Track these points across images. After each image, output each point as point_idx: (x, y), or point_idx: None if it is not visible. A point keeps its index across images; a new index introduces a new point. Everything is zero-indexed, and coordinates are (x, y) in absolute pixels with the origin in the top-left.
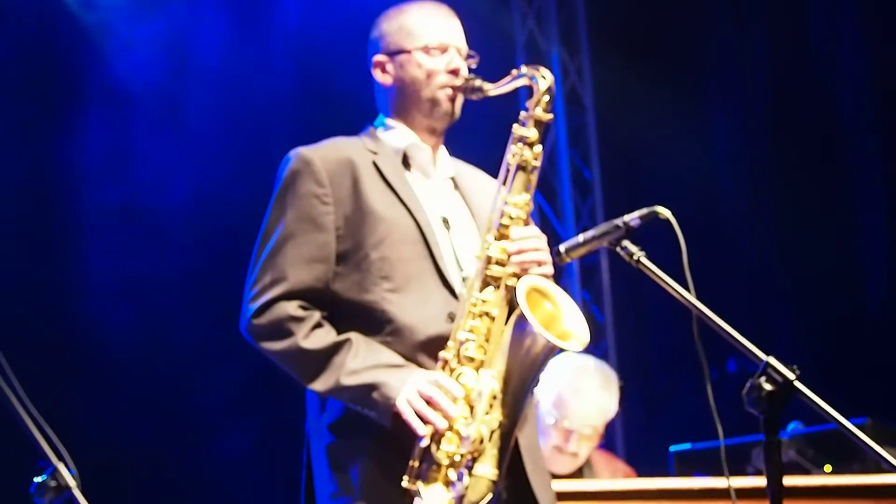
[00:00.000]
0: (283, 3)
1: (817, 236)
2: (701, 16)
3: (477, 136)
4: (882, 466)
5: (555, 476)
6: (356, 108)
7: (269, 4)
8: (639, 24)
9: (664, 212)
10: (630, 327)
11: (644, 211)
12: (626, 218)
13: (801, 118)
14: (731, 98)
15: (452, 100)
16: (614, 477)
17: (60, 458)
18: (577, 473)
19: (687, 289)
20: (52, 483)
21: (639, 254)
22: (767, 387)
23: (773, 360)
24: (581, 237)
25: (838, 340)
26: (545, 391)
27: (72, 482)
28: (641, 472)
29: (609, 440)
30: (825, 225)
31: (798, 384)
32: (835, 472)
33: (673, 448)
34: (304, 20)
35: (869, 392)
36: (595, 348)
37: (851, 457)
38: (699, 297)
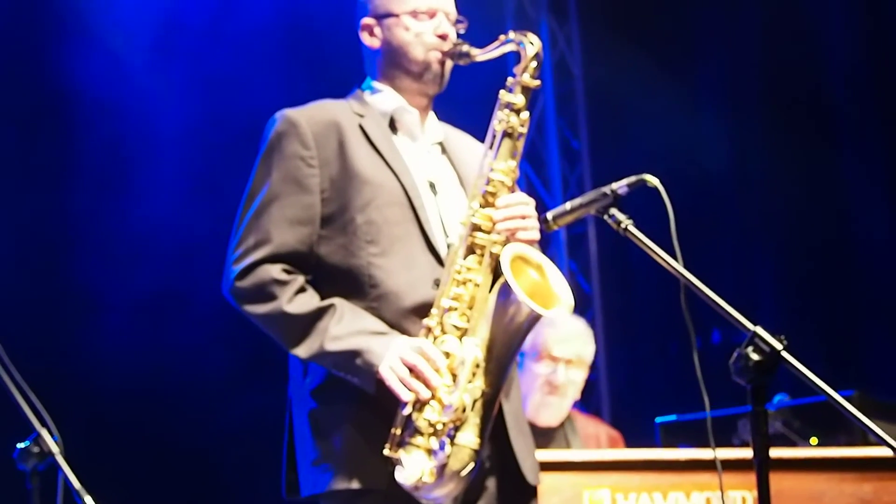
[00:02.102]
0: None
1: (806, 205)
2: None
3: (462, 102)
4: (869, 439)
5: (543, 430)
6: (343, 71)
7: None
8: None
9: (652, 180)
10: (617, 298)
11: (632, 179)
12: (614, 186)
13: (790, 85)
14: (720, 66)
15: (441, 63)
16: (597, 437)
17: (44, 424)
18: (561, 435)
19: (674, 257)
20: (36, 449)
21: (626, 222)
22: (755, 356)
23: (760, 330)
24: (568, 205)
25: (828, 311)
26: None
27: (55, 448)
28: (628, 443)
29: (596, 410)
30: (814, 194)
31: (785, 354)
32: (821, 444)
33: (659, 419)
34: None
35: (858, 364)
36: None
37: (838, 429)
38: (688, 266)
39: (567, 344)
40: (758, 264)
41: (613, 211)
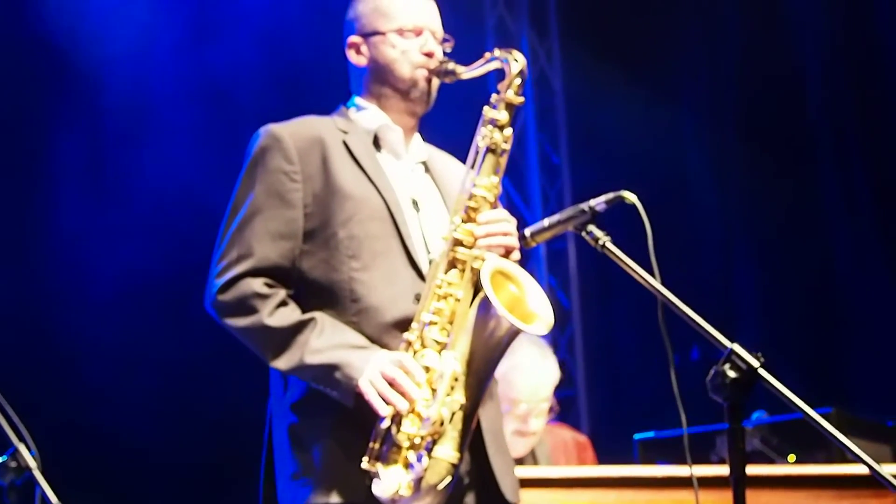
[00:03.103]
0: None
1: (785, 222)
2: (670, 1)
3: (444, 119)
4: (847, 456)
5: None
6: (324, 90)
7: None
8: (608, 8)
9: (630, 196)
10: (596, 313)
11: (610, 195)
12: (592, 202)
13: (769, 104)
14: (700, 83)
15: (428, 81)
16: (565, 444)
17: (21, 438)
18: (529, 454)
19: (652, 274)
20: (13, 464)
21: (604, 238)
22: (732, 374)
23: (737, 347)
24: (546, 221)
25: (806, 329)
26: None
27: (32, 463)
28: (605, 460)
29: (574, 425)
30: (793, 211)
31: (762, 372)
32: (799, 461)
33: (637, 436)
34: (272, 3)
35: (836, 381)
36: (561, 334)
37: (816, 446)
38: (665, 283)
39: (539, 394)
40: (737, 281)
41: (591, 228)
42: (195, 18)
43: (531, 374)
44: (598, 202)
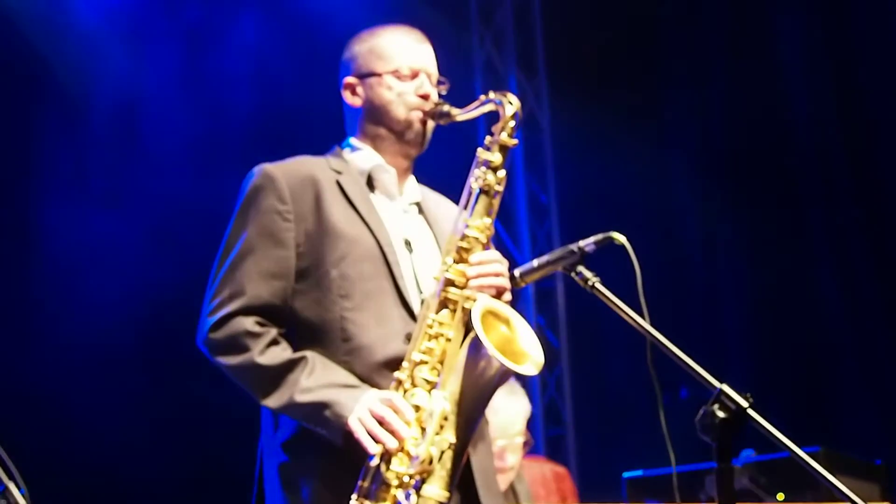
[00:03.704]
0: (240, 22)
1: (773, 263)
2: (658, 41)
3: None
4: (835, 495)
5: None
6: (314, 127)
7: (226, 24)
8: (596, 48)
9: (619, 237)
10: (585, 353)
11: (599, 236)
12: (581, 243)
13: (757, 145)
14: (688, 123)
15: (423, 122)
16: (543, 476)
17: (11, 476)
18: (509, 490)
19: (641, 314)
20: (2, 502)
21: (593, 279)
22: (720, 414)
23: (726, 388)
24: (535, 262)
25: (794, 368)
26: None
27: (22, 502)
28: (594, 498)
29: (564, 464)
30: (780, 252)
31: (751, 412)
32: (787, 500)
33: (626, 474)
34: (260, 39)
35: (824, 421)
36: (550, 374)
37: (804, 485)
38: (654, 323)
39: (512, 430)
40: (725, 320)
41: (580, 268)
42: (184, 60)
43: (502, 410)
44: (588, 243)
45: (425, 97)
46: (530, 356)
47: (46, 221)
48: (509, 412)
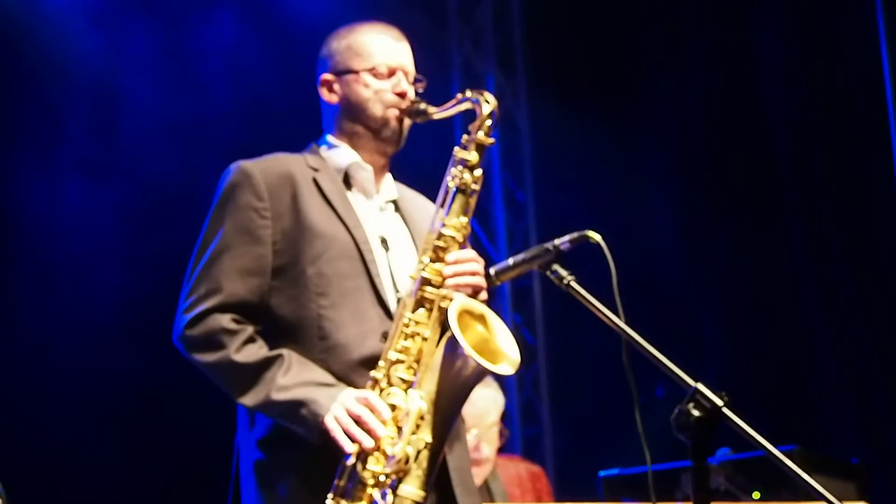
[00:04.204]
0: (218, 22)
1: (750, 262)
2: (636, 41)
3: (416, 158)
4: (810, 494)
5: None
6: (292, 127)
7: (204, 23)
8: (574, 48)
9: (595, 236)
10: (562, 351)
11: (574, 235)
12: (557, 241)
13: (735, 145)
14: (665, 123)
15: (399, 120)
16: (519, 476)
17: None
18: (483, 487)
19: (617, 313)
20: None
21: (568, 278)
22: (696, 413)
23: (701, 387)
24: (511, 260)
25: (771, 366)
26: None
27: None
28: (571, 497)
29: (540, 463)
30: (758, 251)
31: (726, 411)
32: (763, 498)
33: (602, 473)
34: (238, 39)
35: (800, 419)
36: (526, 371)
37: (780, 484)
38: (631, 321)
39: (485, 420)
40: (702, 319)
41: (556, 267)
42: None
43: (475, 401)
44: (563, 241)
45: (402, 95)
46: (507, 355)
47: (21, 194)
48: (483, 403)
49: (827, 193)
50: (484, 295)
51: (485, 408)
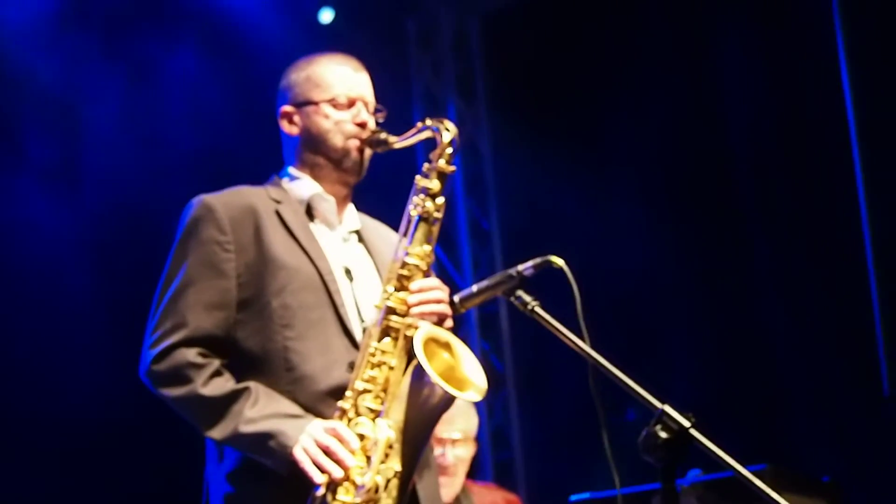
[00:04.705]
0: (180, 59)
1: (716, 282)
2: (598, 67)
3: (377, 187)
4: None
5: None
6: (255, 163)
7: (166, 61)
8: (535, 74)
9: (557, 261)
10: (531, 376)
11: (538, 260)
12: (520, 267)
13: (699, 169)
14: (627, 145)
15: (360, 151)
16: None
17: None
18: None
19: (581, 337)
20: None
21: (533, 303)
22: (663, 434)
23: (668, 408)
24: (475, 287)
25: (740, 384)
26: None
27: None
28: None
29: (511, 488)
30: (725, 272)
31: (693, 431)
32: None
33: (573, 497)
34: (200, 76)
35: (771, 437)
36: (495, 398)
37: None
38: (599, 345)
39: (450, 423)
40: (669, 340)
41: (520, 292)
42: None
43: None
44: (526, 267)
45: (362, 125)
46: (474, 382)
47: None
48: (461, 413)
49: (791, 213)
50: (449, 322)
51: (452, 412)
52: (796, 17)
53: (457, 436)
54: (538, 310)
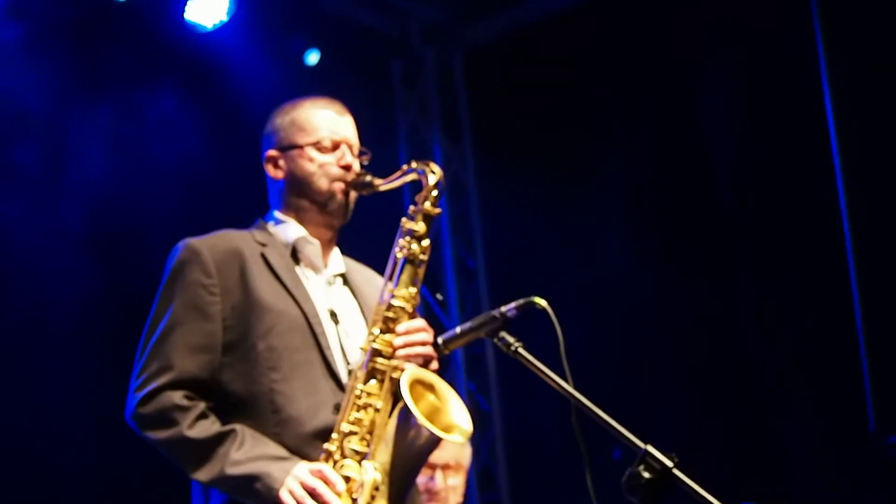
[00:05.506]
0: (162, 99)
1: (703, 322)
2: (584, 103)
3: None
4: None
5: None
6: (238, 205)
7: (148, 101)
8: (520, 111)
9: (540, 302)
10: (517, 417)
11: (521, 301)
12: (504, 308)
13: (684, 204)
14: (613, 184)
15: (345, 193)
16: None
17: None
18: None
19: (565, 378)
20: None
21: (516, 344)
22: (646, 475)
23: (651, 448)
24: (459, 329)
25: (724, 423)
26: None
27: None
28: None
29: None
30: (708, 309)
31: (677, 472)
32: None
33: None
34: (182, 116)
35: (757, 473)
36: (482, 438)
37: None
38: (584, 385)
39: (442, 450)
40: (654, 378)
41: (503, 334)
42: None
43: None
44: (510, 308)
45: (347, 168)
46: (459, 425)
47: None
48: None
49: (776, 249)
50: (435, 364)
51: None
52: (781, 57)
53: (448, 461)
54: (521, 351)
